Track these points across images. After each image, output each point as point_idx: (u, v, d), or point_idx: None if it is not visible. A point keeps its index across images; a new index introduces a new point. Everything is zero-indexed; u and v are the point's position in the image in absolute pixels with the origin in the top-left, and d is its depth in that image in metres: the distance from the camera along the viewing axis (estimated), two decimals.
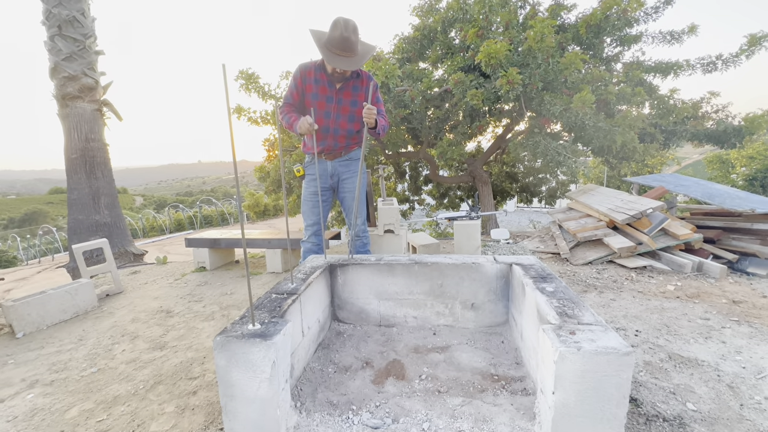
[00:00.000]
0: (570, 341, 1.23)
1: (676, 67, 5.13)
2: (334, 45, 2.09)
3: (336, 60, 2.10)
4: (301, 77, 2.27)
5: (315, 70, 2.26)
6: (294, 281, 1.89)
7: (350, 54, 2.10)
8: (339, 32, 2.06)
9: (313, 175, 2.48)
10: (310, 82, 2.27)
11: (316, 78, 2.26)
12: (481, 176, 7.07)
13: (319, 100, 2.29)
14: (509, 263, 2.10)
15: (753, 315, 2.18)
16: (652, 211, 3.13)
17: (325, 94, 2.28)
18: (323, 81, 2.26)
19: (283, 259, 3.47)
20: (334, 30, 2.08)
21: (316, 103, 2.28)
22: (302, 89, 2.30)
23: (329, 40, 2.10)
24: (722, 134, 5.47)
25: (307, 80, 2.27)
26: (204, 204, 30.35)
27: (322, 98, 2.29)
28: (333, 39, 2.08)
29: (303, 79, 2.28)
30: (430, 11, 5.67)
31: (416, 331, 2.17)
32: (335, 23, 2.10)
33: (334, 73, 2.20)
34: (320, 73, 2.26)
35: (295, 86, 2.30)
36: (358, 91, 2.32)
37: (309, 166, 2.50)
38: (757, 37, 4.46)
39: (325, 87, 2.27)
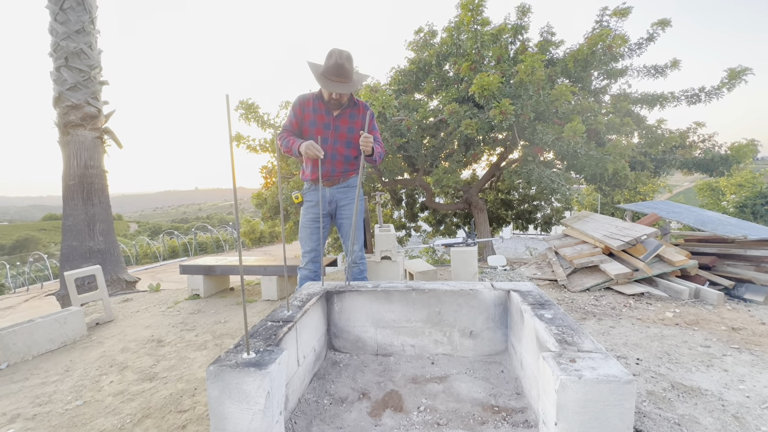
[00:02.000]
0: (570, 369, 1.21)
1: (662, 98, 5.34)
2: (329, 72, 2.20)
3: (331, 85, 2.21)
4: (301, 106, 2.37)
5: (313, 100, 2.37)
6: (290, 308, 1.87)
7: (345, 80, 2.22)
8: (334, 60, 2.18)
9: (311, 202, 2.51)
10: (309, 111, 2.36)
11: (314, 107, 2.36)
12: (477, 203, 7.14)
13: (317, 127, 2.37)
14: (507, 290, 2.09)
15: (753, 342, 2.17)
16: (647, 238, 3.16)
17: (323, 121, 2.37)
18: (321, 109, 2.35)
19: (279, 286, 3.43)
20: (329, 59, 2.21)
21: (314, 129, 2.36)
22: (301, 117, 2.39)
23: (325, 69, 2.22)
24: (710, 163, 5.63)
25: (306, 109, 2.37)
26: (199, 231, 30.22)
27: (320, 125, 2.37)
28: (329, 67, 2.20)
29: (302, 108, 2.37)
30: (425, 46, 5.93)
31: (414, 360, 2.13)
32: (330, 53, 2.25)
33: (330, 99, 2.30)
34: (318, 102, 2.36)
35: (294, 115, 2.39)
36: (355, 118, 2.41)
37: (308, 193, 2.54)
38: (737, 71, 4.68)
39: (323, 115, 2.36)
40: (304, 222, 2.52)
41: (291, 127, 2.40)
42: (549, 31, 5.40)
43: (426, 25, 5.92)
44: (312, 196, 2.50)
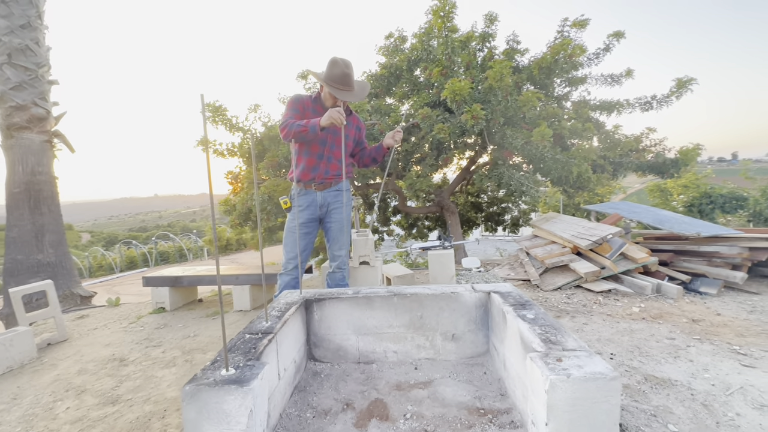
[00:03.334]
0: (558, 369, 1.22)
1: (618, 105, 5.68)
2: (337, 81, 2.21)
3: (344, 95, 2.23)
4: (302, 105, 2.33)
5: (312, 102, 2.36)
6: (268, 319, 1.79)
7: (351, 89, 2.25)
8: (340, 70, 2.20)
9: (301, 206, 2.42)
10: (309, 112, 2.34)
11: (314, 109, 2.34)
12: (449, 206, 7.25)
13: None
14: (487, 291, 2.11)
15: (712, 333, 2.31)
16: (612, 237, 3.32)
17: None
18: (320, 113, 2.32)
19: (252, 296, 3.30)
20: (335, 68, 2.22)
21: (317, 135, 2.31)
22: (302, 116, 2.32)
23: (332, 78, 2.22)
24: (662, 165, 6.03)
25: (307, 109, 2.34)
26: (160, 239, 28.72)
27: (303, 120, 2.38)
28: (335, 76, 2.21)
29: (304, 108, 2.34)
30: (396, 51, 5.97)
31: (397, 367, 2.09)
32: (335, 62, 2.25)
33: (334, 107, 2.30)
34: (317, 106, 2.35)
35: (297, 111, 2.31)
36: (351, 126, 2.44)
37: (298, 197, 2.43)
38: (683, 81, 5.06)
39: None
40: (291, 227, 2.44)
41: (295, 119, 2.30)
42: (515, 39, 5.62)
43: (396, 30, 5.97)
44: (302, 201, 2.42)
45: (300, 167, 2.38)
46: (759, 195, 7.11)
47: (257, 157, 5.08)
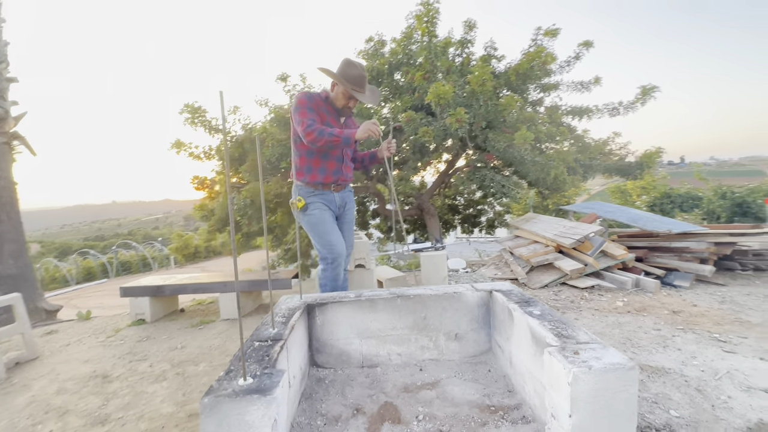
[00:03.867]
0: (578, 361, 1.26)
1: (588, 111, 5.98)
2: (354, 83, 2.18)
3: (362, 96, 2.22)
4: (316, 105, 2.26)
5: (324, 102, 2.31)
6: (275, 325, 1.73)
7: (364, 90, 2.24)
8: (358, 71, 2.21)
9: (319, 203, 2.34)
10: (322, 112, 2.28)
11: (326, 109, 2.30)
12: (429, 209, 7.34)
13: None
14: (488, 290, 2.14)
15: (692, 322, 2.47)
16: (594, 235, 3.48)
17: (336, 125, 2.33)
18: (332, 113, 2.32)
19: (241, 304, 3.18)
20: (352, 69, 2.20)
21: None
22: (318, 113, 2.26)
23: (349, 79, 2.18)
24: (627, 167, 6.41)
25: (321, 109, 2.28)
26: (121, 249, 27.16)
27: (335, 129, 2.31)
28: (353, 77, 2.18)
29: (317, 107, 2.27)
30: (375, 55, 6.00)
31: (402, 369, 2.08)
32: (351, 63, 2.24)
33: (345, 108, 2.29)
34: (328, 106, 2.31)
35: (314, 111, 2.23)
36: (352, 127, 2.42)
37: (313, 196, 2.34)
38: (648, 88, 5.40)
39: (334, 120, 2.32)
40: (321, 216, 2.31)
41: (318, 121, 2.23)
42: (492, 46, 5.79)
43: (376, 34, 6.01)
44: (322, 198, 2.34)
45: (320, 170, 2.31)
46: (712, 194, 7.71)
47: (237, 161, 4.93)
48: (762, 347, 2.08)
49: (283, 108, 5.29)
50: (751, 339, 2.18)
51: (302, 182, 2.33)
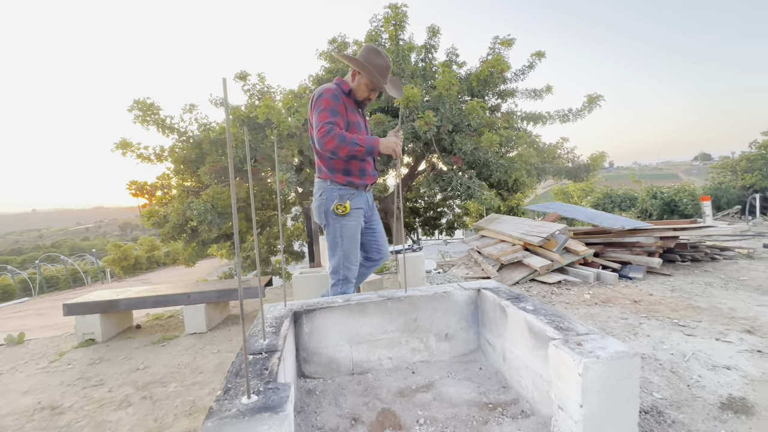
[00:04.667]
0: (585, 352, 1.30)
1: (542, 117, 6.38)
2: (382, 73, 2.01)
3: (388, 88, 2.08)
4: (344, 104, 2.04)
5: (345, 96, 2.08)
6: (266, 335, 1.60)
7: (387, 81, 2.08)
8: (384, 61, 2.01)
9: (360, 209, 2.18)
10: (350, 110, 2.10)
11: (351, 105, 2.11)
12: (393, 212, 7.37)
13: (360, 129, 2.15)
14: (476, 288, 2.17)
15: (653, 310, 2.68)
16: (558, 233, 3.68)
17: (362, 122, 2.18)
18: (354, 108, 2.14)
19: (208, 315, 2.94)
20: (379, 58, 2.01)
21: (359, 131, 2.12)
22: (345, 118, 2.04)
23: (375, 68, 2.00)
24: (576, 170, 6.91)
25: (348, 107, 2.08)
26: (45, 263, 24.30)
27: (361, 126, 2.17)
28: (379, 67, 2.00)
29: (345, 106, 2.05)
30: None
31: (394, 373, 2.04)
32: (377, 52, 2.02)
33: (365, 101, 2.13)
34: (348, 100, 2.10)
35: (339, 112, 2.00)
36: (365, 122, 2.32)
37: (355, 199, 2.15)
38: (594, 97, 5.88)
39: (359, 115, 2.17)
40: (355, 232, 2.17)
41: (339, 125, 2.01)
42: (454, 52, 5.98)
43: (339, 35, 5.94)
44: (359, 203, 2.18)
45: (359, 171, 2.14)
46: (645, 195, 8.55)
47: (194, 162, 4.59)
48: (715, 329, 2.30)
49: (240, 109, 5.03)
50: (705, 322, 2.41)
51: (343, 183, 2.12)
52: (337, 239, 2.18)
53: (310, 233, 3.01)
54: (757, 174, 7.97)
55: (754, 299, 2.80)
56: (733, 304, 2.71)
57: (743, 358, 1.95)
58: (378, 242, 2.36)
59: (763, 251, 4.41)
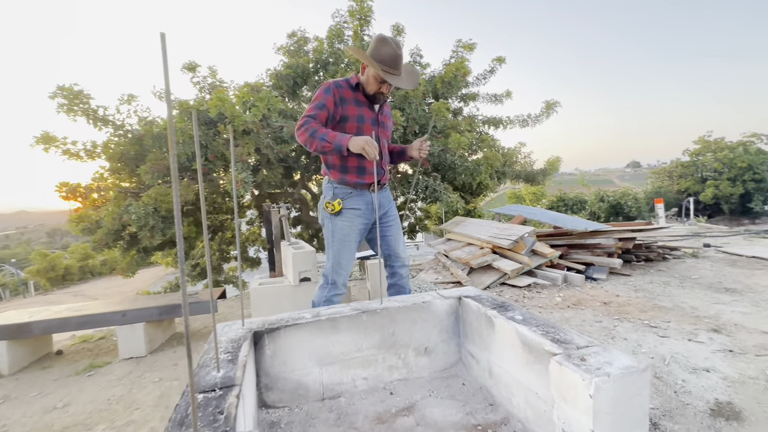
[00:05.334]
0: (593, 369, 1.17)
1: (502, 122, 6.49)
2: (386, 63, 1.87)
3: (395, 79, 1.91)
4: (339, 97, 1.97)
5: (352, 91, 2.01)
6: (220, 365, 1.32)
7: (400, 72, 1.93)
8: (392, 50, 1.87)
9: (358, 209, 2.08)
10: (351, 104, 2.00)
11: (356, 99, 2.02)
12: None
13: (367, 123, 2.03)
14: (457, 297, 2.01)
15: (623, 312, 2.69)
16: (527, 236, 3.66)
17: (370, 117, 2.05)
18: (364, 103, 2.03)
19: (148, 336, 2.53)
20: (385, 47, 1.87)
21: (364, 126, 2.02)
22: (337, 112, 1.98)
23: (380, 58, 1.87)
24: (534, 174, 7.12)
25: (347, 101, 1.99)
26: None
27: (369, 121, 2.04)
28: (386, 57, 1.86)
29: (341, 100, 1.98)
30: (299, 52, 5.63)
31: (370, 396, 1.82)
32: (384, 40, 1.89)
33: (377, 94, 1.98)
34: (358, 94, 2.02)
35: (325, 106, 1.94)
36: (389, 115, 2.22)
37: (351, 198, 2.07)
38: (551, 103, 6.07)
39: (367, 109, 2.04)
40: (346, 233, 2.08)
41: (318, 119, 1.93)
42: (418, 53, 5.91)
43: (299, 30, 5.64)
44: (358, 202, 2.07)
45: (357, 170, 2.04)
46: (594, 198, 9.07)
47: (134, 160, 4.06)
48: (685, 329, 2.33)
49: (188, 102, 4.56)
50: (674, 323, 2.44)
51: (338, 181, 2.07)
52: (329, 240, 2.15)
53: (270, 239, 2.70)
54: (690, 179, 8.79)
55: (711, 297, 2.92)
56: (694, 303, 2.80)
57: (717, 358, 1.96)
58: (390, 247, 2.23)
59: (704, 250, 4.73)
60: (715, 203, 8.30)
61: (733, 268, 3.84)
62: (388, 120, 2.19)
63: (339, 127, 2.01)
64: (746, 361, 1.92)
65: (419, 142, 2.10)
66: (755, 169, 7.98)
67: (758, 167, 7.98)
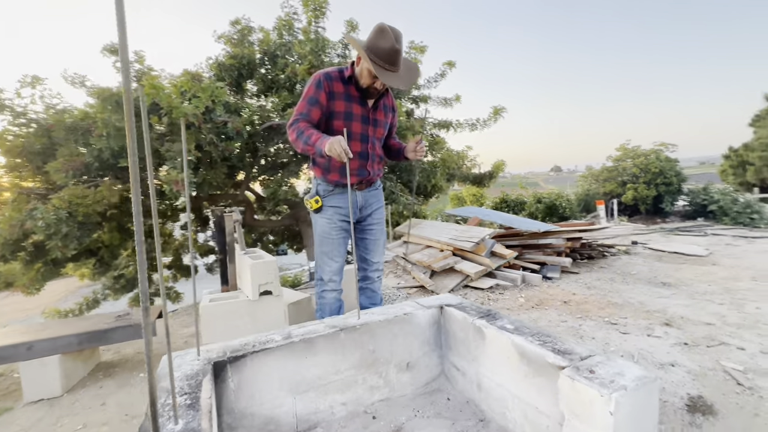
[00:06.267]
0: (607, 382, 1.11)
1: (453, 125, 6.61)
2: (382, 57, 1.69)
3: (388, 77, 1.71)
4: (329, 91, 1.84)
5: (343, 84, 1.86)
6: (178, 413, 1.04)
7: (397, 69, 1.74)
8: (390, 43, 1.68)
9: (339, 208, 2.01)
10: (341, 99, 1.86)
11: (347, 93, 1.87)
12: (306, 218, 6.79)
13: (355, 121, 1.90)
14: (438, 306, 1.90)
15: (583, 310, 2.79)
16: (488, 238, 3.70)
17: (360, 114, 1.91)
18: (355, 98, 1.89)
19: (64, 372, 2.07)
20: (383, 39, 1.68)
21: (351, 124, 1.89)
22: (328, 105, 1.85)
23: (376, 51, 1.69)
24: (481, 176, 7.38)
25: (337, 96, 1.85)
26: None
27: (358, 118, 1.91)
28: (382, 51, 1.68)
29: (331, 94, 1.84)
30: (242, 42, 5.19)
31: (350, 422, 1.63)
32: (384, 31, 1.69)
33: (370, 89, 1.83)
34: (350, 87, 1.87)
35: (318, 101, 1.82)
36: (387, 110, 2.05)
37: (332, 197, 2.01)
38: (498, 109, 6.31)
39: (358, 105, 1.90)
40: (327, 230, 2.03)
41: (309, 116, 1.83)
42: None
43: (243, 18, 5.19)
44: (338, 201, 2.01)
45: (340, 170, 1.94)
46: (532, 200, 9.70)
47: (40, 155, 3.36)
48: (641, 325, 2.46)
49: (110, 90, 3.94)
50: (630, 319, 2.57)
51: (321, 179, 2.00)
52: (315, 236, 2.10)
53: (223, 248, 2.36)
54: (613, 182, 9.81)
55: (653, 292, 3.16)
56: (641, 298, 3.00)
57: (677, 352, 2.07)
58: (376, 239, 2.15)
59: (633, 247, 5.21)
60: (634, 204, 9.37)
61: (662, 263, 4.25)
62: (384, 116, 2.02)
63: (327, 123, 1.89)
64: (701, 353, 2.05)
65: (414, 143, 1.99)
66: (665, 174, 9.17)
67: (667, 173, 9.19)
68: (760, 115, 14.28)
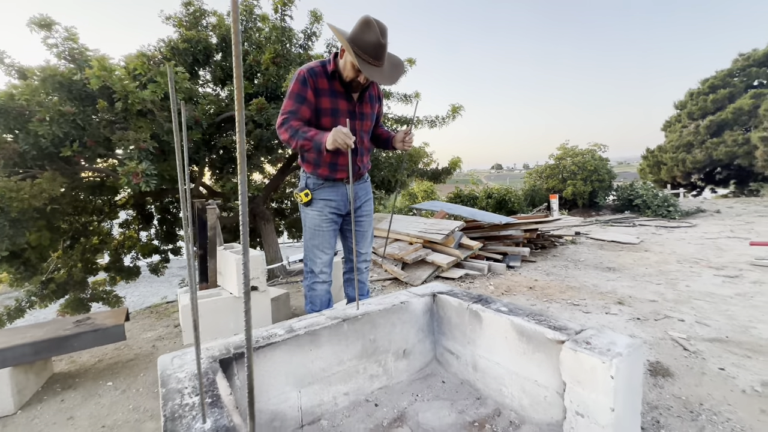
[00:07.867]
0: (605, 351, 1.24)
1: (412, 121, 6.74)
2: (367, 51, 1.66)
3: (372, 71, 1.67)
4: (314, 87, 1.81)
5: (328, 79, 1.83)
6: (206, 412, 0.99)
7: (381, 63, 1.72)
8: (375, 37, 1.65)
9: (329, 200, 2.02)
10: (326, 95, 1.84)
11: (332, 88, 1.84)
12: (264, 214, 6.53)
13: (341, 116, 1.87)
14: (430, 294, 1.97)
15: (547, 294, 3.03)
16: (457, 230, 3.86)
17: (346, 109, 1.89)
18: (340, 93, 1.86)
19: (16, 386, 1.83)
20: (368, 33, 1.65)
21: (338, 121, 1.85)
22: (314, 102, 1.83)
23: (361, 45, 1.65)
24: (439, 172, 7.62)
25: (322, 92, 1.83)
26: None
27: (344, 113, 1.89)
28: (366, 44, 1.65)
29: (316, 90, 1.81)
30: (195, 25, 4.84)
31: (353, 412, 1.64)
32: (368, 24, 1.65)
33: (354, 82, 1.80)
34: (334, 82, 1.84)
35: (306, 99, 1.80)
36: (373, 101, 2.04)
37: (322, 190, 2.01)
38: (456, 107, 6.55)
39: (343, 100, 1.88)
40: (318, 223, 2.04)
41: (300, 114, 1.81)
42: (334, 44, 5.67)
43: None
44: (330, 193, 2.01)
45: (329, 165, 1.96)
46: (482, 195, 10.24)
47: None
48: (598, 304, 2.74)
49: (56, 68, 3.46)
50: (588, 299, 2.85)
51: (310, 173, 2.01)
52: (304, 229, 2.12)
53: (204, 244, 2.21)
54: (555, 179, 10.69)
55: (602, 276, 3.52)
56: (594, 282, 3.33)
57: (632, 326, 2.35)
58: (364, 231, 2.20)
59: (578, 237, 5.74)
60: (573, 199, 10.31)
61: (603, 251, 4.73)
62: (371, 108, 2.01)
63: (317, 118, 1.88)
64: (651, 326, 2.34)
65: (403, 133, 2.02)
66: (599, 171, 10.22)
67: (601, 170, 10.25)
68: (670, 121, 16.37)
